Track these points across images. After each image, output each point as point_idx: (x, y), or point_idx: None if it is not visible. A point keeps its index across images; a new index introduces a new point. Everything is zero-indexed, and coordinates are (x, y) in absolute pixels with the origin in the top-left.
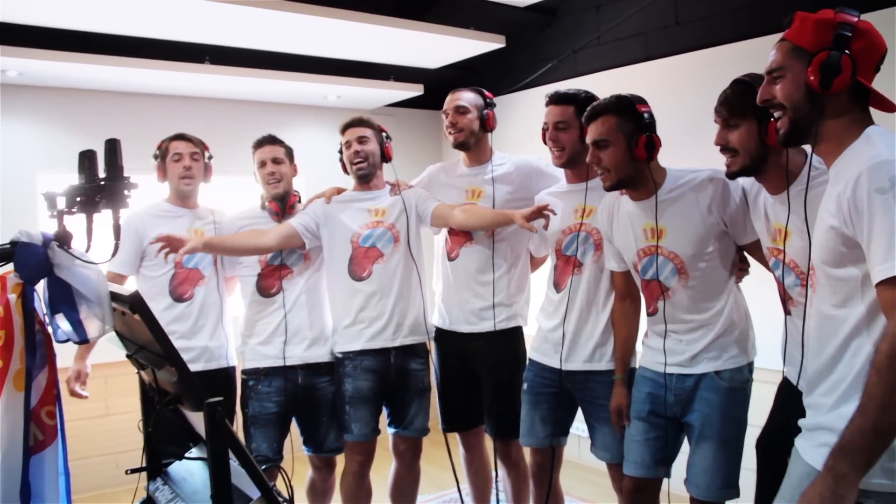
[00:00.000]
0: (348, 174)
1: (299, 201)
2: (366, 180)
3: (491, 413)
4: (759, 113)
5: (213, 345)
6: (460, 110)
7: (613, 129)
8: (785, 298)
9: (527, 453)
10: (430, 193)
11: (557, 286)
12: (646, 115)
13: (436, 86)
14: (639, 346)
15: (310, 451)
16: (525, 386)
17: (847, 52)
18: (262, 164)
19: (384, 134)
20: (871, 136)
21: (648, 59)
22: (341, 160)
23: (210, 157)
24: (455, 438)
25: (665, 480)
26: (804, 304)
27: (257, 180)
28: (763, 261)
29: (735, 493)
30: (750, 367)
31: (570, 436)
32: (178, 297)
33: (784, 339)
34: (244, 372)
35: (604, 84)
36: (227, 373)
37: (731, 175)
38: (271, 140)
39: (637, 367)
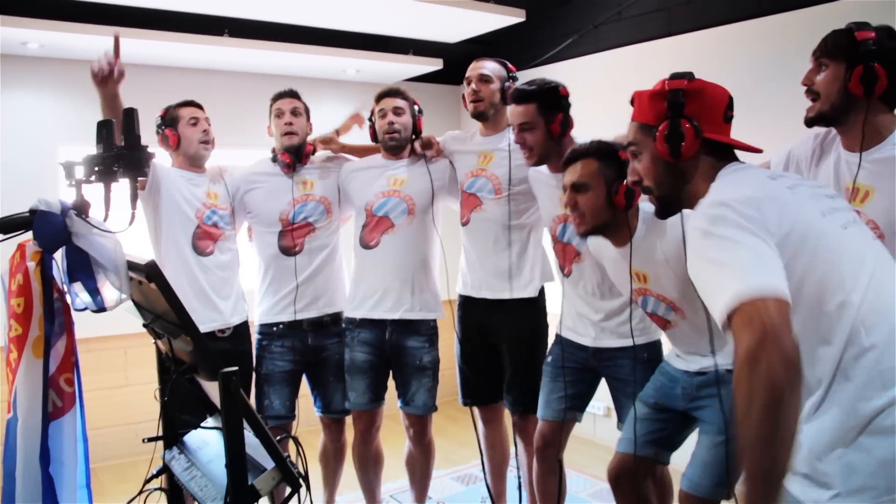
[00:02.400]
0: (377, 142)
1: (314, 152)
2: (395, 152)
3: (510, 387)
4: (849, 59)
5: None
6: (484, 78)
7: (595, 173)
8: None
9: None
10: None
11: (563, 270)
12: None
13: (455, 60)
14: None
15: (319, 411)
16: (549, 359)
17: (684, 116)
18: (280, 114)
19: (417, 107)
20: (711, 187)
21: (670, 34)
22: (371, 127)
23: None
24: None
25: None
26: None
27: (272, 133)
28: None
29: (728, 494)
30: None
31: (585, 414)
32: (200, 253)
33: None
34: (258, 331)
35: (625, 60)
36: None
37: (808, 122)
38: (291, 93)
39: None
